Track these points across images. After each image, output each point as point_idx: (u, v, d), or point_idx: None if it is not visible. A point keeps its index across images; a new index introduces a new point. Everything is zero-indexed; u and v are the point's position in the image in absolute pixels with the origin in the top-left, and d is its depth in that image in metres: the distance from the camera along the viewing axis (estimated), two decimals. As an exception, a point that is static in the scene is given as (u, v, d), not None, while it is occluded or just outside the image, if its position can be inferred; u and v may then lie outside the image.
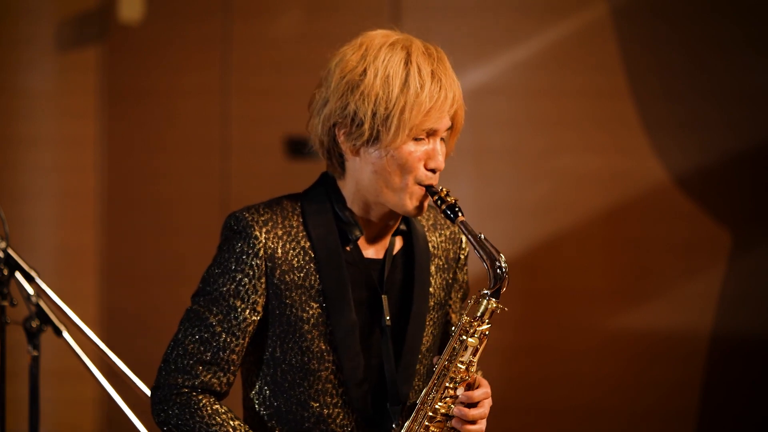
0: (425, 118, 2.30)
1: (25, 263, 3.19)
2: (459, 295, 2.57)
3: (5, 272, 3.16)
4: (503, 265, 2.29)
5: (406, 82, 2.30)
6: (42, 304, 3.17)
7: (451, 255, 2.53)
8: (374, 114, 2.29)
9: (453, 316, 2.56)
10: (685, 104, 4.37)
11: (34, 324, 3.17)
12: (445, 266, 2.51)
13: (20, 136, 4.67)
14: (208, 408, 2.33)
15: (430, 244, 2.49)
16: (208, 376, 2.34)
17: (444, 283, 2.50)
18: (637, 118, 4.39)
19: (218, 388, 2.35)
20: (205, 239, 4.22)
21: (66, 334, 3.17)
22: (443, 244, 2.52)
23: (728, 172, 4.36)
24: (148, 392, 2.95)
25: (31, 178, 4.68)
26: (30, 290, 3.17)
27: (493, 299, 2.31)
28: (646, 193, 4.40)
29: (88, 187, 4.73)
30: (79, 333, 3.19)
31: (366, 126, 2.30)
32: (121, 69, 4.72)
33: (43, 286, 3.18)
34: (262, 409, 2.40)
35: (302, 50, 4.60)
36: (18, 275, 3.19)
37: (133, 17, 4.68)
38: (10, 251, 3.18)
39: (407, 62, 2.31)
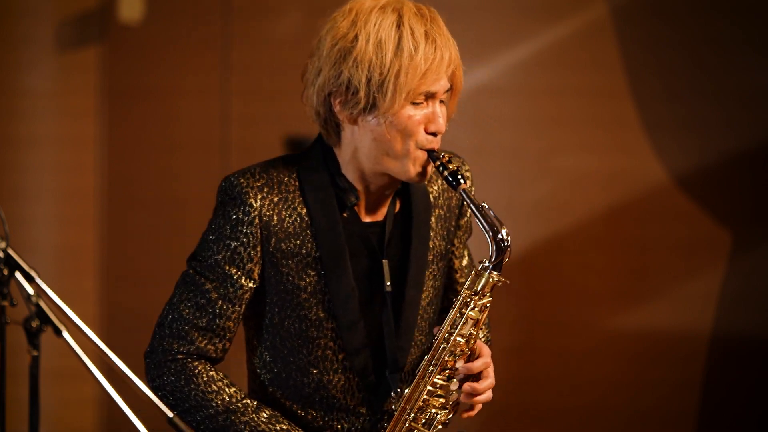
0: (422, 80, 2.24)
1: (25, 263, 3.18)
2: (464, 239, 2.51)
3: (5, 272, 3.16)
4: (505, 236, 2.24)
5: (399, 45, 2.24)
6: (42, 304, 3.17)
7: (454, 202, 2.48)
8: (369, 80, 2.24)
9: (456, 261, 2.50)
10: (685, 104, 4.37)
11: (34, 324, 3.17)
12: (447, 215, 2.46)
13: (20, 136, 4.67)
14: (204, 375, 2.31)
15: (431, 195, 2.44)
16: (204, 342, 2.31)
17: (445, 232, 2.46)
18: (637, 118, 4.39)
19: (213, 354, 2.33)
20: (205, 239, 4.20)
21: (66, 334, 3.17)
22: (445, 193, 2.47)
23: (728, 172, 4.35)
24: (148, 392, 2.95)
25: (31, 178, 4.68)
26: (30, 290, 3.17)
27: (494, 272, 2.26)
28: (646, 193, 4.40)
29: (88, 187, 4.73)
30: (79, 333, 3.19)
31: (362, 93, 2.24)
32: (121, 69, 4.72)
33: (43, 286, 3.17)
34: (263, 373, 2.38)
35: (302, 50, 4.57)
36: (18, 275, 3.18)
37: (133, 17, 4.68)
38: (10, 251, 3.18)
39: (399, 25, 2.26)
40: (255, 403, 2.31)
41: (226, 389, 2.30)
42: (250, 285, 2.32)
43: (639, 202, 4.41)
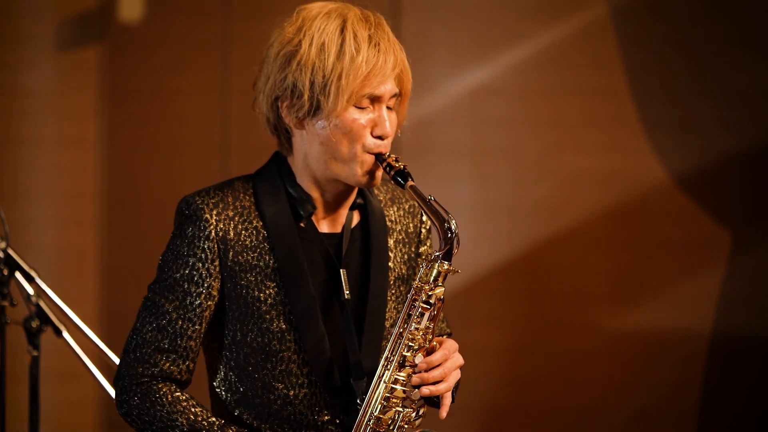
0: (364, 83, 2.28)
1: (25, 263, 3.19)
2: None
3: (5, 272, 3.17)
4: (453, 226, 2.26)
5: (341, 49, 2.28)
6: (42, 304, 3.18)
7: (411, 229, 2.50)
8: (312, 83, 2.28)
9: None
10: (685, 104, 4.37)
11: (34, 324, 3.18)
12: (406, 240, 2.49)
13: (20, 136, 4.67)
14: (169, 396, 2.31)
15: (387, 218, 2.47)
16: (167, 364, 2.32)
17: (405, 257, 2.48)
18: (636, 118, 4.39)
19: (178, 376, 2.33)
20: (205, 239, 4.20)
21: (66, 334, 3.18)
22: (402, 219, 2.50)
23: (728, 172, 4.36)
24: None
25: (31, 178, 4.68)
26: (30, 290, 3.18)
27: (445, 262, 2.28)
28: (645, 193, 4.40)
29: (88, 187, 4.73)
30: (79, 333, 3.19)
31: (305, 96, 2.28)
32: (121, 69, 4.72)
33: (43, 286, 3.18)
34: (228, 395, 2.38)
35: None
36: (18, 275, 3.19)
37: (133, 17, 4.68)
38: (10, 251, 3.19)
39: (343, 29, 2.30)
40: (221, 421, 2.32)
41: (192, 409, 2.31)
42: (209, 302, 2.33)
43: (638, 202, 4.41)
